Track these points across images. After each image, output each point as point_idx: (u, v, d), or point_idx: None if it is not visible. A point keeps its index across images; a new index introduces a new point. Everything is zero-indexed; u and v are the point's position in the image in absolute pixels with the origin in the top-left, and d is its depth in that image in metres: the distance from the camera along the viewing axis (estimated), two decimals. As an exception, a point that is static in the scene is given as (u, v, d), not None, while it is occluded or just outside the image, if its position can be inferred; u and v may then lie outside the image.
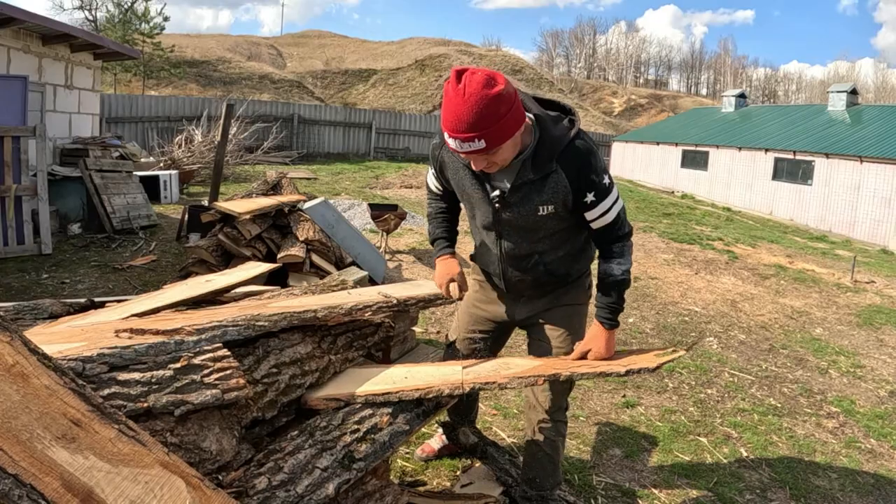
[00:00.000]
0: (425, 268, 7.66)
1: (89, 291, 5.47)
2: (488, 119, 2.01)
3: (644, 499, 3.16)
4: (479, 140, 2.04)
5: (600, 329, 2.38)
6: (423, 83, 43.92)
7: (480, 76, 2.03)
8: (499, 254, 2.54)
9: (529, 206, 2.32)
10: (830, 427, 4.31)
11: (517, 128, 2.12)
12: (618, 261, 2.37)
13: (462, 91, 2.02)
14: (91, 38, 9.62)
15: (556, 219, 2.36)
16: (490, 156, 2.13)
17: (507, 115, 2.05)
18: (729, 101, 30.75)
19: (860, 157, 18.73)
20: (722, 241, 11.89)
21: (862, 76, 74.83)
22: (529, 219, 2.36)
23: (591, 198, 2.27)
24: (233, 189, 11.45)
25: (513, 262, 2.54)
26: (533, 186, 2.28)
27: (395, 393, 2.06)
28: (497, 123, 2.03)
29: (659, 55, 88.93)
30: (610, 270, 2.38)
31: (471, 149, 2.08)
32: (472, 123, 2.01)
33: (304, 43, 56.83)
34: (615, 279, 2.37)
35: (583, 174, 2.25)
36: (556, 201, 2.29)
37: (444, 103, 2.09)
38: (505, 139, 2.09)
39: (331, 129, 22.97)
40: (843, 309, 7.75)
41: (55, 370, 1.44)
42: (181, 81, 32.90)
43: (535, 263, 2.51)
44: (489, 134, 2.04)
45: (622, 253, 2.38)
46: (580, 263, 2.59)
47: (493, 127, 2.03)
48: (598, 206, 2.29)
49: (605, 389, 4.51)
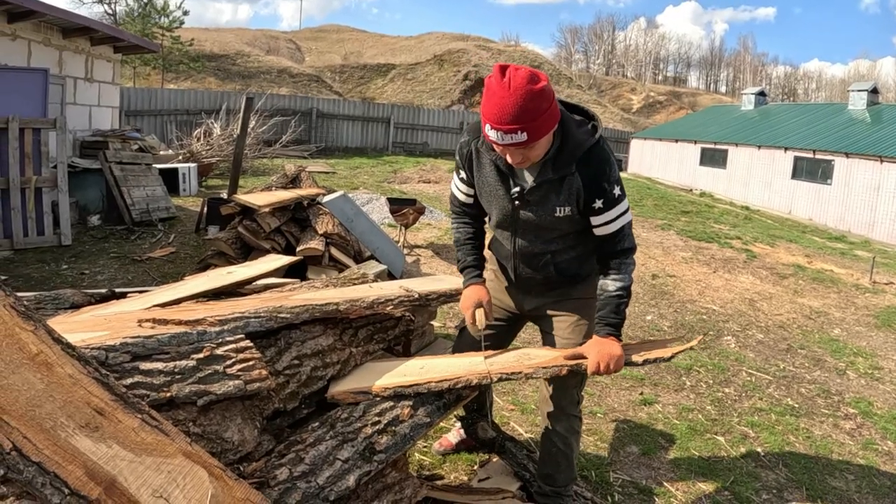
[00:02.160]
0: (443, 262, 7.66)
1: (108, 282, 5.51)
2: (532, 113, 2.07)
3: (661, 496, 3.15)
4: (522, 133, 2.09)
5: (595, 338, 2.39)
6: (442, 78, 43.82)
7: (525, 72, 2.10)
8: (512, 251, 2.59)
9: (548, 207, 2.38)
10: (848, 428, 4.27)
11: (554, 125, 2.19)
12: (613, 277, 2.40)
13: (507, 84, 2.07)
14: (111, 32, 9.68)
15: (570, 221, 2.41)
16: (527, 150, 2.18)
17: (548, 110, 2.12)
18: (748, 98, 30.48)
19: (880, 156, 18.49)
20: (740, 240, 11.80)
21: (883, 75, 73.87)
22: (546, 219, 2.41)
23: (600, 204, 2.33)
24: (251, 182, 11.49)
25: (525, 260, 2.58)
26: (552, 187, 2.33)
27: (424, 384, 2.08)
28: (540, 118, 2.10)
29: (678, 52, 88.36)
30: (605, 286, 2.41)
31: (512, 141, 2.11)
32: (517, 116, 2.06)
33: (322, 37, 56.94)
34: (609, 294, 2.39)
35: (596, 180, 2.30)
36: (571, 203, 2.35)
37: (487, 96, 2.13)
38: (544, 134, 2.16)
39: (349, 124, 23.01)
40: (861, 310, 7.67)
41: (79, 359, 1.45)
42: (200, 75, 33.04)
43: (547, 263, 2.55)
44: (531, 127, 2.09)
45: (619, 269, 2.40)
46: (590, 264, 2.60)
47: (537, 121, 2.09)
48: (605, 214, 2.34)
49: (623, 387, 4.49)
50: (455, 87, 43.03)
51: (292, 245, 5.72)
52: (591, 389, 4.31)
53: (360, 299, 2.43)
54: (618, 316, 2.38)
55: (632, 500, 3.07)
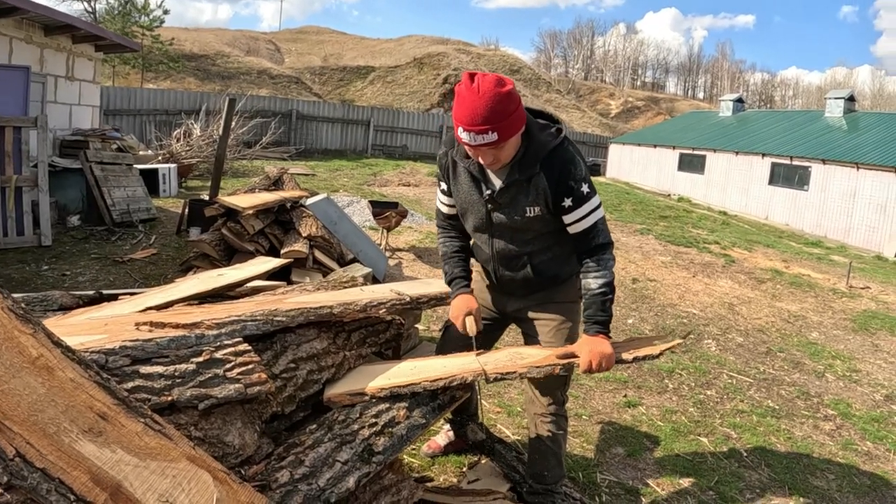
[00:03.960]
0: (425, 266, 7.67)
1: (90, 284, 5.46)
2: (500, 114, 2.21)
3: (647, 496, 3.19)
4: (492, 133, 2.22)
5: (585, 337, 2.46)
6: (422, 81, 43.80)
7: (492, 77, 2.26)
8: (491, 253, 2.66)
9: (518, 207, 2.48)
10: (827, 429, 4.34)
11: (521, 126, 2.33)
12: (594, 275, 2.45)
13: (476, 89, 2.22)
14: (93, 30, 9.59)
15: (542, 221, 2.50)
16: (498, 150, 2.31)
17: (516, 111, 2.26)
18: (727, 105, 30.82)
19: (857, 163, 18.81)
20: (718, 245, 11.93)
21: (859, 83, 75.04)
22: (518, 220, 2.50)
23: (569, 203, 2.42)
24: (231, 184, 11.43)
25: (503, 262, 2.66)
26: (520, 188, 2.44)
27: (419, 384, 2.11)
28: (508, 118, 2.23)
29: (657, 58, 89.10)
30: (587, 285, 2.47)
31: (484, 141, 2.24)
32: (486, 117, 2.20)
33: (302, 39, 56.67)
34: (592, 293, 2.44)
35: (562, 179, 2.40)
36: (540, 203, 2.44)
37: (458, 101, 2.27)
38: (513, 134, 2.29)
39: (329, 126, 22.96)
40: (838, 314, 7.79)
41: (79, 363, 1.45)
42: (179, 75, 32.74)
43: (524, 264, 2.62)
44: (500, 127, 2.22)
45: (598, 266, 2.45)
46: (569, 266, 2.66)
47: (505, 121, 2.23)
48: (575, 211, 2.43)
49: (607, 389, 4.53)
50: (434, 91, 43.01)
51: (276, 247, 5.69)
52: (575, 392, 4.34)
53: (354, 302, 2.44)
54: (605, 313, 2.44)
55: (619, 501, 3.10)
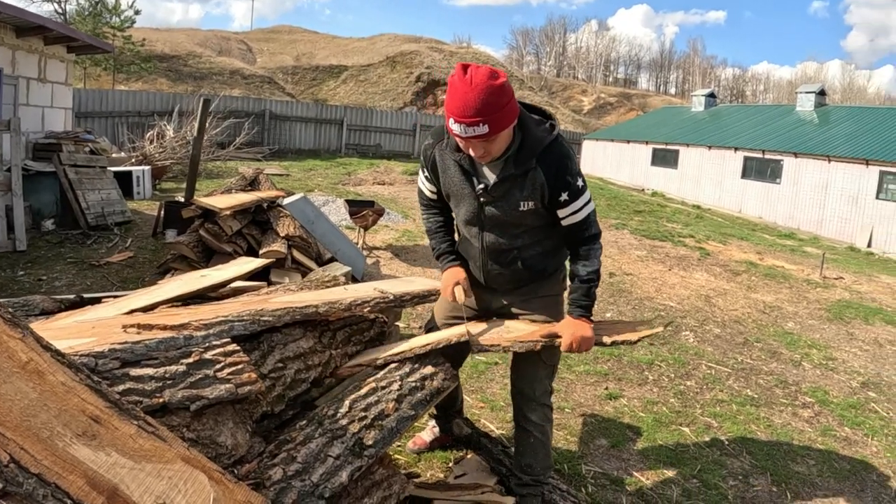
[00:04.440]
0: (403, 264, 7.68)
1: (67, 288, 5.40)
2: (492, 106, 2.20)
3: (632, 486, 3.23)
4: (483, 125, 2.21)
5: (569, 318, 2.55)
6: (394, 80, 43.72)
7: (485, 69, 2.24)
8: (480, 247, 2.68)
9: (511, 201, 2.49)
10: (806, 416, 4.43)
11: (513, 119, 2.33)
12: (583, 263, 2.55)
13: (469, 80, 2.21)
14: (65, 31, 9.42)
15: (535, 215, 2.53)
16: (489, 143, 2.30)
17: (508, 104, 2.26)
18: (699, 100, 31.14)
19: (828, 156, 19.12)
20: (693, 238, 12.08)
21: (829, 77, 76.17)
22: (511, 213, 2.52)
23: (566, 197, 2.45)
24: (205, 185, 11.33)
25: (493, 257, 2.67)
26: (515, 182, 2.45)
27: (409, 351, 2.31)
28: (500, 111, 2.23)
29: (629, 54, 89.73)
30: (576, 271, 2.57)
31: (475, 133, 2.23)
32: (479, 109, 2.18)
33: (274, 38, 56.27)
34: (580, 279, 2.55)
35: (559, 174, 2.43)
36: (534, 197, 2.46)
37: (451, 93, 2.26)
38: (505, 127, 2.28)
39: (302, 126, 22.84)
40: (813, 304, 7.93)
41: (70, 366, 1.44)
42: (151, 76, 32.33)
43: (514, 259, 2.65)
44: (492, 119, 2.21)
45: (588, 256, 2.56)
46: (556, 259, 2.73)
47: (497, 114, 2.22)
48: (571, 205, 2.48)
49: (588, 382, 4.58)
50: (407, 89, 42.98)
51: (254, 248, 5.67)
52: (557, 385, 4.37)
53: (338, 301, 2.45)
54: (588, 298, 2.55)
55: (605, 491, 3.14)
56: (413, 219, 10.56)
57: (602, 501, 3.06)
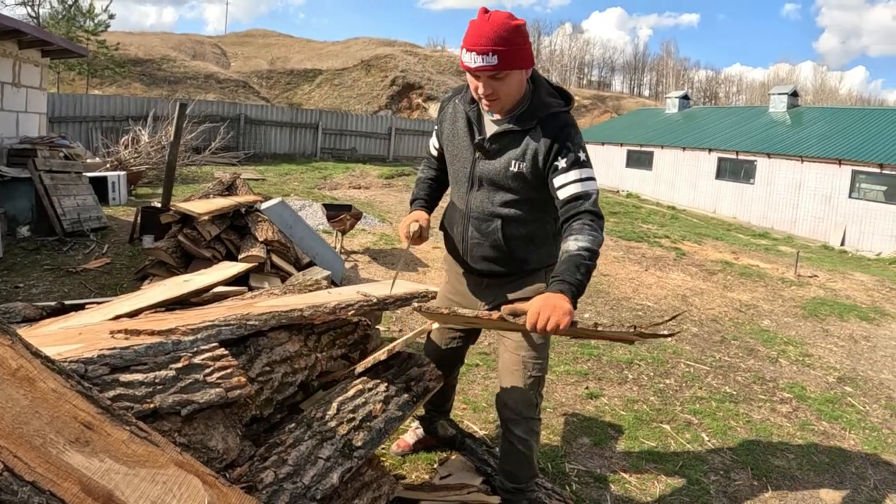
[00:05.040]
0: (381, 267, 7.68)
1: (45, 296, 5.33)
2: (506, 40, 2.20)
3: (615, 483, 3.28)
4: (493, 55, 2.20)
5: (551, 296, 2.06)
6: (369, 83, 43.73)
7: (506, 12, 2.28)
8: (465, 210, 2.62)
9: (504, 158, 2.44)
10: (784, 412, 4.51)
11: (525, 64, 2.31)
12: (576, 237, 2.21)
13: (488, 16, 2.23)
14: (40, 35, 9.28)
15: (523, 182, 2.45)
16: (497, 81, 2.28)
17: (522, 45, 2.25)
18: (673, 102, 31.51)
19: (801, 156, 19.44)
20: (669, 239, 12.20)
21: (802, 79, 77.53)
22: (501, 173, 2.46)
23: (563, 164, 2.33)
24: (181, 190, 11.25)
25: (476, 223, 2.60)
26: (512, 138, 2.41)
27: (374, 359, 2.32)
28: (512, 46, 2.21)
29: (603, 57, 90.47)
30: (567, 248, 2.21)
31: (483, 63, 2.21)
32: (491, 39, 2.18)
33: (248, 42, 56.01)
34: (569, 253, 2.17)
35: (560, 139, 2.35)
36: (527, 161, 2.39)
37: (469, 28, 2.26)
38: (514, 65, 2.26)
39: (277, 130, 22.74)
40: (788, 302, 8.06)
41: (60, 373, 1.44)
42: (125, 81, 32.05)
43: (495, 229, 2.56)
44: (502, 52, 2.20)
45: (581, 230, 2.22)
46: (539, 254, 2.61)
47: (508, 48, 2.21)
48: (568, 174, 2.32)
49: (569, 382, 4.62)
50: (382, 93, 43.02)
51: (233, 253, 5.65)
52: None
53: (322, 305, 2.46)
54: (573, 274, 2.10)
55: (589, 489, 3.18)
56: (390, 222, 10.56)
57: (587, 499, 3.09)
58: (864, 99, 77.39)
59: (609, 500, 3.12)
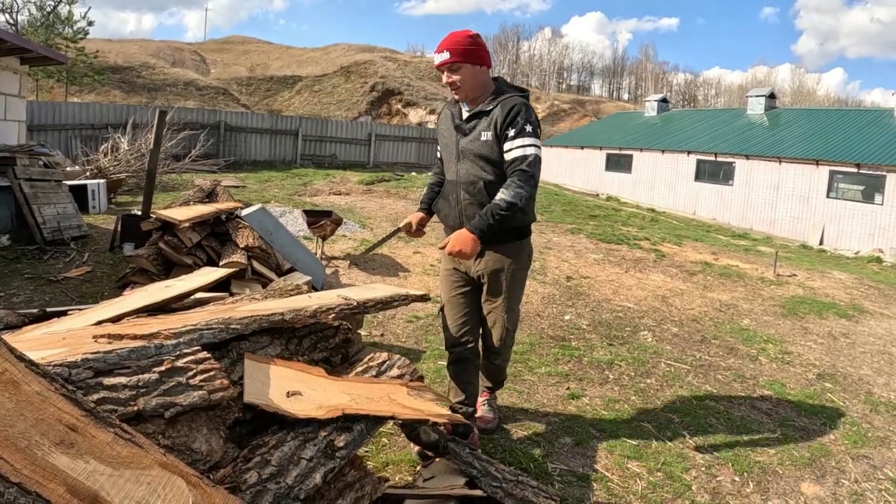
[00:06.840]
0: (362, 273, 7.69)
1: (26, 304, 5.30)
2: (457, 42, 3.11)
3: (598, 482, 3.31)
4: (446, 52, 3.10)
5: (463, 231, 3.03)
6: (349, 90, 43.74)
7: (466, 30, 3.19)
8: (456, 178, 3.30)
9: (476, 133, 3.18)
10: (765, 409, 4.57)
11: (475, 60, 3.14)
12: (503, 191, 3.01)
13: (452, 32, 3.18)
14: (20, 42, 9.19)
15: (492, 149, 3.12)
16: (454, 73, 3.12)
17: (472, 46, 3.12)
18: (651, 105, 31.76)
19: (779, 157, 19.67)
20: (648, 241, 12.29)
21: (779, 81, 78.48)
22: (476, 144, 3.17)
23: (511, 133, 3.05)
24: (161, 198, 11.19)
25: (465, 187, 3.25)
26: (480, 118, 3.17)
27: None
28: (462, 47, 3.10)
29: (582, 61, 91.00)
30: (495, 199, 3.02)
31: (441, 59, 3.14)
32: (447, 42, 3.12)
33: (228, 49, 55.82)
34: (493, 203, 3.01)
35: (512, 114, 3.06)
36: (490, 130, 3.11)
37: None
38: (465, 59, 3.11)
39: (257, 137, 22.70)
40: (768, 301, 8.16)
41: (44, 376, 1.45)
42: (104, 88, 31.85)
43: (480, 189, 3.19)
44: (454, 51, 3.09)
45: (509, 185, 3.00)
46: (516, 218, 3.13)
47: (458, 48, 3.09)
48: (514, 140, 3.04)
49: (550, 383, 4.66)
50: (362, 99, 43.04)
51: (214, 260, 5.64)
52: (519, 388, 4.47)
53: (304, 309, 2.48)
54: (486, 220, 2.98)
55: (572, 488, 3.21)
56: (370, 228, 10.57)
57: (570, 498, 3.12)
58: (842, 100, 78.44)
59: (592, 499, 3.16)
